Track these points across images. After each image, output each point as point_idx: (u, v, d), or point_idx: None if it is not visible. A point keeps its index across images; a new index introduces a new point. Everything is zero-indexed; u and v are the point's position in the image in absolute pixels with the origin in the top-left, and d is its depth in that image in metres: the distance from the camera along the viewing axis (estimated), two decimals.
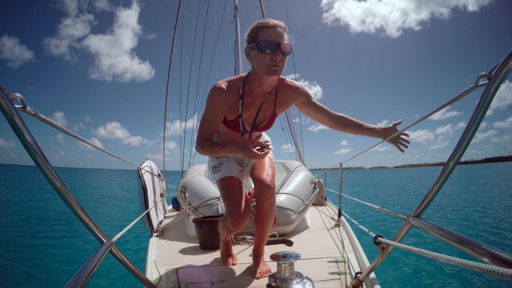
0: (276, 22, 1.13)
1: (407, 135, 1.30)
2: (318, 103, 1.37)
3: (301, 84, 1.36)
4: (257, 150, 1.15)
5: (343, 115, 1.37)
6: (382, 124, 1.44)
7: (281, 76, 1.21)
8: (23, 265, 4.00)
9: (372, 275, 1.28)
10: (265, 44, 1.10)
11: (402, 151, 1.32)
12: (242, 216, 1.33)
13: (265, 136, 1.65)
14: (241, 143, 1.18)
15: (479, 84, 0.72)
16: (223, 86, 1.23)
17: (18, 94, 0.61)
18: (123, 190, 19.00)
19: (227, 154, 1.27)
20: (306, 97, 1.35)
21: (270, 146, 1.60)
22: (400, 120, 1.32)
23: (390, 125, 1.32)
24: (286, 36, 1.14)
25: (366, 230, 1.58)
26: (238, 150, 1.17)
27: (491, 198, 10.88)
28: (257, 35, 1.13)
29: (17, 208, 9.28)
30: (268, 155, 1.49)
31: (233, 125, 1.31)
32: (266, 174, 1.37)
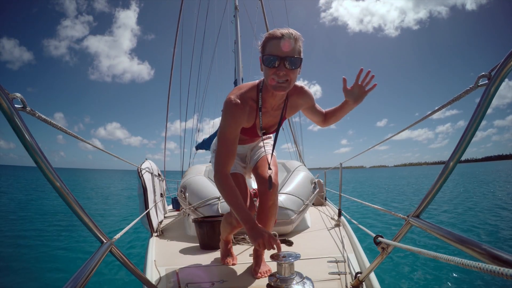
0: (285, 31, 1.04)
1: (362, 71, 1.17)
2: (318, 107, 1.40)
3: (303, 85, 1.37)
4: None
5: (326, 111, 1.40)
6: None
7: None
8: (34, 261, 4.08)
9: (372, 275, 1.28)
10: (269, 58, 1.04)
11: (373, 87, 1.20)
12: None
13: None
14: (256, 228, 1.08)
15: (479, 84, 0.71)
16: (238, 101, 1.18)
17: (18, 94, 0.61)
18: (125, 190, 19.02)
19: (237, 217, 1.18)
20: (312, 102, 1.36)
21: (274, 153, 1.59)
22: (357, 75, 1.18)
23: (348, 88, 1.21)
24: (297, 46, 1.05)
25: (366, 230, 1.58)
26: (251, 234, 1.08)
27: (492, 197, 10.86)
28: (265, 47, 1.07)
29: (31, 206, 9.46)
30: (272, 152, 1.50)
31: (245, 130, 1.31)
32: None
